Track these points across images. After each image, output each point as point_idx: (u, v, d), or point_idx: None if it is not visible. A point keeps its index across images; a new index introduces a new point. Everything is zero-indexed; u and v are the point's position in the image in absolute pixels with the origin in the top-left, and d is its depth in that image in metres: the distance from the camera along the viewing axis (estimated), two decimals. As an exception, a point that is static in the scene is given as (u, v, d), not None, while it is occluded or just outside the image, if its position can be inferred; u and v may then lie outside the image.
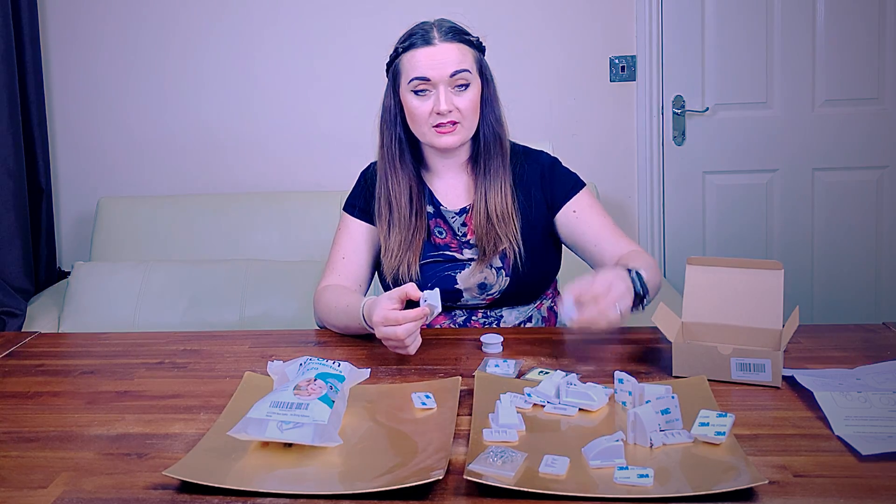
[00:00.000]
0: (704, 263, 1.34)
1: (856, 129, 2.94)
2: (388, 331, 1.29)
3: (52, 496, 0.94)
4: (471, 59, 1.53)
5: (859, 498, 0.89)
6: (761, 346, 1.27)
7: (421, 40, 1.51)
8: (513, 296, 1.58)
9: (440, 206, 1.62)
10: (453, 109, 1.50)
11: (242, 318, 2.44)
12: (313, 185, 2.94)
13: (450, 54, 1.50)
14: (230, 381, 1.28)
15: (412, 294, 1.32)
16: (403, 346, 1.31)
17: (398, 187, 1.58)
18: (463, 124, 1.52)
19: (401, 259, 1.56)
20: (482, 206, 1.56)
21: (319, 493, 0.92)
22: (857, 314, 2.96)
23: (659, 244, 3.03)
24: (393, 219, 1.58)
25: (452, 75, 1.49)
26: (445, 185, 1.63)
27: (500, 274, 1.56)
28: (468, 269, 1.57)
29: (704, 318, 1.32)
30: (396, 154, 1.58)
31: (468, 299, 1.58)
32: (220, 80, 2.96)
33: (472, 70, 1.52)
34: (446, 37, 1.51)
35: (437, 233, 1.60)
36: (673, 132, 2.98)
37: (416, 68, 1.50)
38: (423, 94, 1.51)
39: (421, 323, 1.30)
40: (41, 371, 1.38)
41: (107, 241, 2.76)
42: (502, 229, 1.55)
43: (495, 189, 1.56)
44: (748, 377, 1.20)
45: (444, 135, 1.51)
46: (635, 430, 1.01)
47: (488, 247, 1.55)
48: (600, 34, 2.92)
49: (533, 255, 1.57)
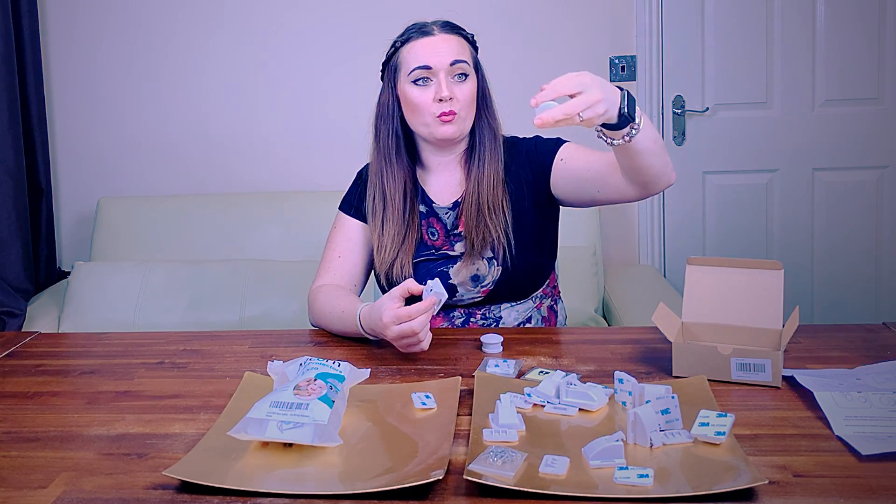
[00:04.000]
0: (704, 263, 1.34)
1: (856, 129, 2.94)
2: (401, 328, 1.29)
3: (52, 496, 0.94)
4: (468, 52, 1.56)
5: (859, 498, 0.89)
6: (761, 346, 1.27)
7: (419, 33, 1.54)
8: (508, 287, 1.58)
9: (432, 203, 1.62)
10: (453, 97, 1.51)
11: (242, 318, 2.44)
12: (313, 185, 2.94)
13: (449, 43, 1.53)
14: (230, 381, 1.28)
15: (413, 289, 1.32)
16: (418, 342, 1.31)
17: (393, 182, 1.58)
18: (461, 115, 1.53)
19: (394, 256, 1.56)
20: (473, 196, 1.56)
21: (319, 493, 0.92)
22: (857, 314, 2.96)
23: (659, 244, 3.03)
24: (387, 215, 1.58)
25: (453, 63, 1.52)
26: (438, 182, 1.63)
27: (492, 264, 1.56)
28: (459, 263, 1.57)
29: (704, 318, 1.32)
30: (393, 149, 1.59)
31: (463, 293, 1.58)
32: (221, 80, 2.96)
33: (469, 62, 1.55)
34: (444, 29, 1.55)
35: (429, 234, 1.61)
36: (673, 132, 2.98)
37: (416, 58, 1.52)
38: (423, 83, 1.52)
39: (431, 314, 1.30)
40: (41, 371, 1.38)
41: (107, 241, 2.76)
42: (492, 220, 1.54)
43: (487, 179, 1.56)
44: (748, 377, 1.20)
45: (446, 123, 1.52)
46: (635, 430, 1.01)
47: (476, 239, 1.54)
48: (600, 34, 2.92)
49: (524, 245, 1.57)
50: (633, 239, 3.03)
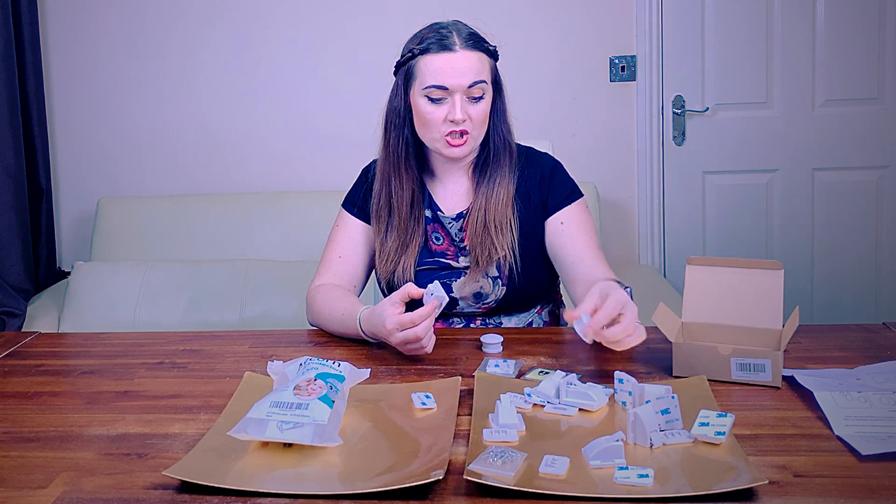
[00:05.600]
0: (704, 263, 1.34)
1: (856, 129, 2.94)
2: (406, 334, 1.29)
3: (52, 496, 0.94)
4: (488, 69, 1.50)
5: (859, 498, 0.89)
6: (761, 346, 1.27)
7: (438, 45, 1.46)
8: (509, 305, 1.57)
9: (438, 210, 1.60)
10: (467, 119, 1.47)
11: (242, 318, 2.44)
12: (313, 185, 2.94)
13: (470, 63, 1.45)
14: (230, 381, 1.28)
15: (413, 293, 1.31)
16: (421, 347, 1.31)
17: (400, 191, 1.55)
18: (472, 134, 1.49)
19: (397, 263, 1.55)
20: (480, 213, 1.53)
21: (319, 493, 0.92)
22: (857, 314, 2.96)
23: (659, 244, 3.03)
24: (392, 222, 1.56)
25: (471, 86, 1.46)
26: (446, 189, 1.61)
27: (497, 283, 1.54)
28: (463, 278, 1.55)
29: (704, 318, 1.32)
30: (402, 157, 1.55)
31: (464, 307, 1.57)
32: (221, 80, 2.96)
33: (487, 80, 1.49)
34: (467, 44, 1.46)
35: (434, 238, 1.58)
36: (673, 132, 2.98)
37: (434, 75, 1.45)
38: (437, 101, 1.47)
39: (433, 318, 1.30)
40: (41, 371, 1.38)
41: (107, 241, 2.76)
42: (498, 238, 1.52)
43: (496, 197, 1.53)
44: (748, 377, 1.20)
45: (454, 147, 1.48)
46: (635, 430, 1.01)
47: (482, 255, 1.52)
48: (600, 34, 2.92)
49: (529, 264, 1.55)
50: (632, 239, 3.04)
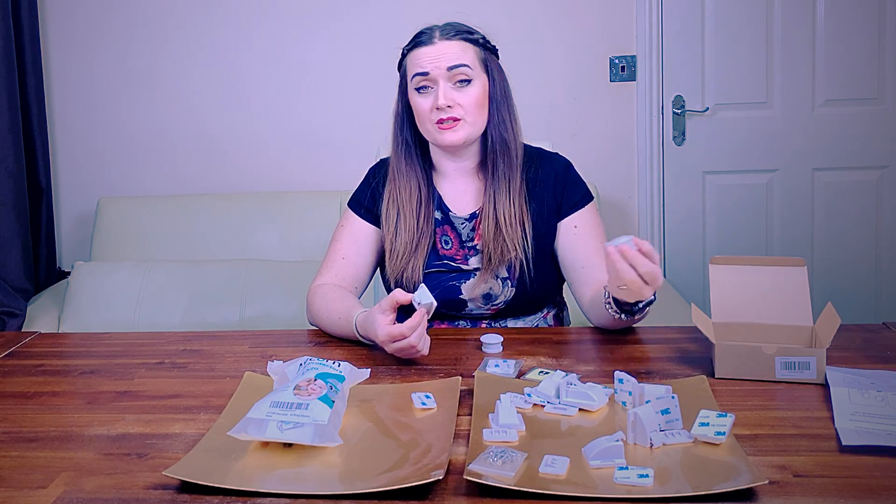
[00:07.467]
0: (727, 262, 1.35)
1: (856, 129, 2.94)
2: (399, 345, 1.30)
3: (52, 496, 0.94)
4: (472, 55, 1.52)
5: (859, 498, 0.89)
6: (796, 343, 1.28)
7: (422, 40, 1.53)
8: (517, 307, 1.57)
9: (449, 211, 1.60)
10: (453, 105, 1.49)
11: (242, 318, 2.44)
12: (313, 185, 2.94)
13: (449, 49, 1.51)
14: (230, 381, 1.28)
15: (401, 299, 1.31)
16: (416, 352, 1.32)
17: (405, 190, 1.57)
18: (466, 120, 1.50)
19: (405, 263, 1.55)
20: (491, 211, 1.54)
21: (319, 493, 0.92)
22: (857, 314, 2.96)
23: (659, 244, 3.03)
24: (400, 222, 1.57)
25: (450, 69, 1.49)
26: (455, 189, 1.61)
27: (506, 285, 1.55)
28: (473, 280, 1.56)
29: (735, 317, 1.32)
30: (403, 156, 1.59)
31: (472, 309, 1.57)
32: (220, 80, 2.96)
33: (472, 66, 1.51)
34: (446, 35, 1.52)
35: (442, 242, 1.59)
36: (673, 132, 2.98)
37: (416, 65, 1.52)
38: (424, 91, 1.52)
39: (425, 325, 1.31)
40: (41, 371, 1.38)
41: (107, 241, 2.77)
42: (510, 237, 1.52)
43: (505, 194, 1.54)
44: (793, 376, 1.20)
45: (446, 131, 1.50)
46: (635, 430, 1.01)
47: (494, 254, 1.52)
48: (600, 34, 2.92)
49: (540, 266, 1.55)
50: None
